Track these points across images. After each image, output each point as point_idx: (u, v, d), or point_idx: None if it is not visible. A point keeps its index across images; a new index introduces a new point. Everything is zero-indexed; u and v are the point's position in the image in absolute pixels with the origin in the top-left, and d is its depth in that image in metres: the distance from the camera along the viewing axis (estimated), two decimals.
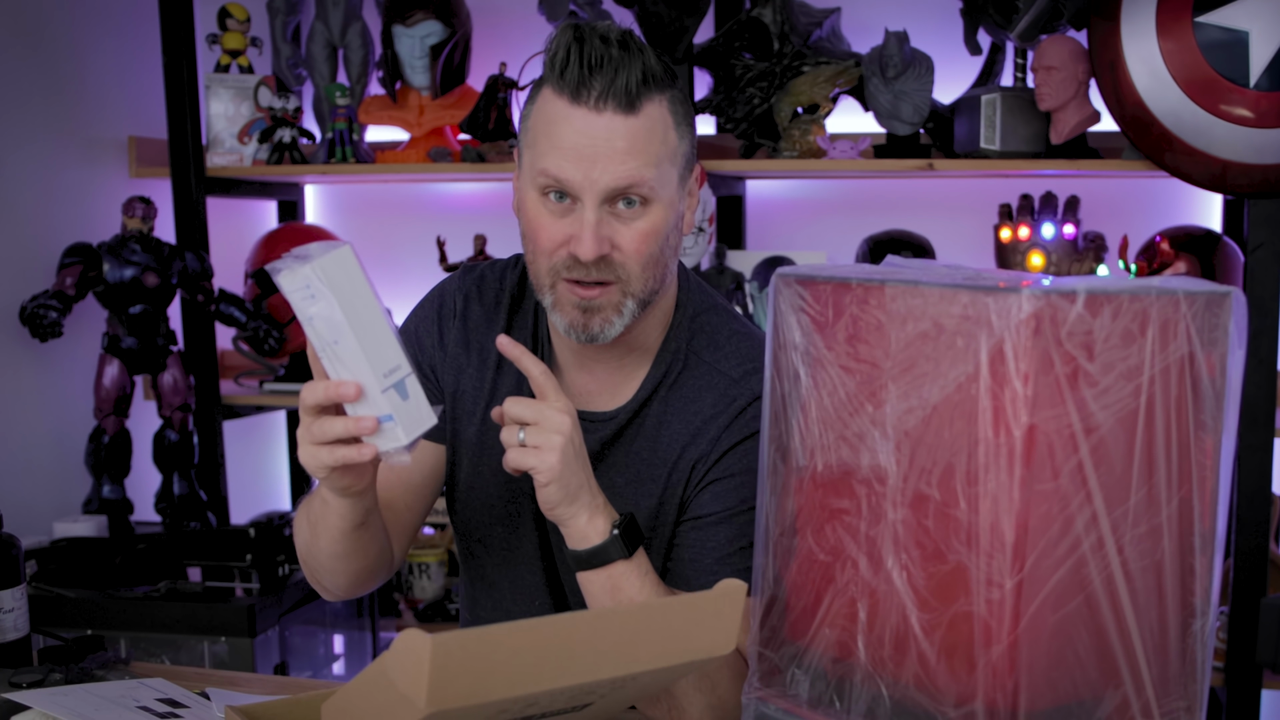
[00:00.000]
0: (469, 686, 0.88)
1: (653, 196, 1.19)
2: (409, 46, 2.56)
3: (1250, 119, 2.00)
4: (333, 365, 1.07)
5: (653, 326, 1.31)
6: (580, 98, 1.16)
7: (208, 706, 1.30)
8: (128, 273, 2.45)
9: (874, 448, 0.98)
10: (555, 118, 1.18)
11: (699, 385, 1.31)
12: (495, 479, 1.36)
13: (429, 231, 2.69)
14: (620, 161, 1.16)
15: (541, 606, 1.37)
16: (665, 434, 1.31)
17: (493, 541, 1.39)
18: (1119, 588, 0.93)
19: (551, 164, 1.17)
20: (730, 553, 1.28)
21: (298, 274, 1.04)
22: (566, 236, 1.19)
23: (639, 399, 1.32)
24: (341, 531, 1.22)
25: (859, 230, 2.53)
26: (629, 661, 0.97)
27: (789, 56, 2.38)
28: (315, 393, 1.08)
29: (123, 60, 2.73)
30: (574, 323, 1.23)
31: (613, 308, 1.22)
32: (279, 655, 2.20)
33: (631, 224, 1.19)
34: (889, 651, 0.98)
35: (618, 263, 1.20)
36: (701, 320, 1.34)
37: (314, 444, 1.10)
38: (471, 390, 1.36)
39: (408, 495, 1.37)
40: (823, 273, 1.04)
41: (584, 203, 1.17)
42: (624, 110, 1.16)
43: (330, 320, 1.04)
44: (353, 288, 1.06)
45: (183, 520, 2.57)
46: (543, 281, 1.23)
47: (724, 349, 1.32)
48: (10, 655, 1.45)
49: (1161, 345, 0.91)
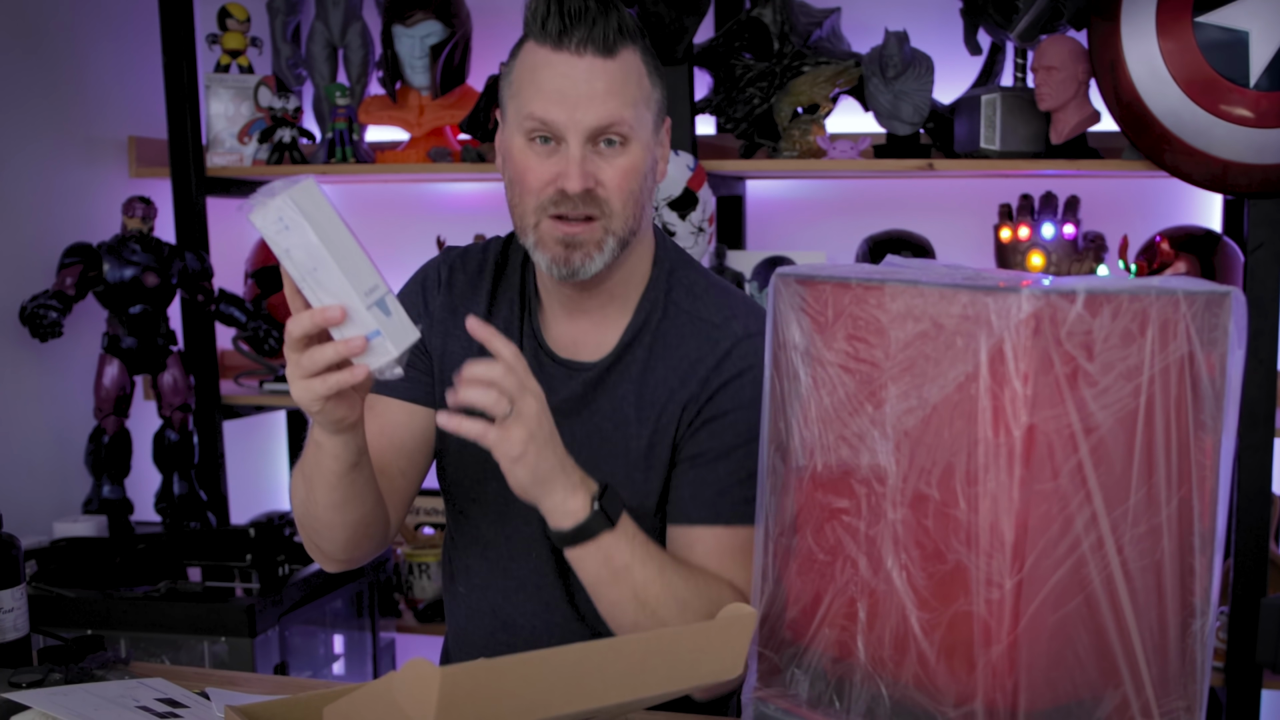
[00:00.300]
0: (476, 716, 0.87)
1: (631, 136, 1.27)
2: (409, 46, 2.56)
3: (1250, 119, 2.00)
4: (314, 293, 1.09)
5: (633, 276, 1.37)
6: (562, 44, 1.24)
7: (208, 706, 1.30)
8: (128, 273, 2.45)
9: (874, 447, 0.98)
10: (538, 65, 1.26)
11: (681, 332, 1.36)
12: None
13: (429, 231, 2.69)
14: (601, 102, 1.24)
15: (539, 558, 1.39)
16: (651, 378, 1.35)
17: (487, 497, 1.41)
18: (1119, 588, 0.93)
19: (538, 107, 1.25)
20: (729, 486, 1.32)
21: (270, 208, 1.06)
22: (553, 174, 1.26)
23: (622, 344, 1.36)
24: (337, 475, 1.23)
25: (859, 230, 2.53)
26: (637, 688, 0.97)
27: (789, 56, 2.38)
28: (301, 323, 1.10)
29: (123, 60, 2.73)
30: (556, 258, 1.28)
31: (594, 244, 1.28)
32: (279, 655, 2.20)
33: (613, 161, 1.27)
34: (889, 651, 0.98)
35: (601, 198, 1.27)
36: (679, 274, 1.40)
37: (305, 377, 1.12)
38: (460, 352, 1.39)
39: (400, 460, 1.40)
40: (823, 273, 1.04)
41: (569, 141, 1.25)
42: (603, 54, 1.24)
43: (307, 246, 1.07)
44: (323, 215, 1.08)
45: (183, 520, 2.57)
46: (528, 221, 1.29)
47: (702, 299, 1.38)
48: (10, 655, 1.45)
49: (1161, 345, 0.91)
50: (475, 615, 1.46)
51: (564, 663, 0.92)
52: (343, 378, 1.11)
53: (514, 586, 1.42)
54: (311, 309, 1.09)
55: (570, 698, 0.92)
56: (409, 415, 1.41)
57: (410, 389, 1.41)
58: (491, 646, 1.43)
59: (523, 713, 0.90)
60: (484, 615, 1.44)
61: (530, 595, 1.41)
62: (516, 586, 1.42)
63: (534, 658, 0.91)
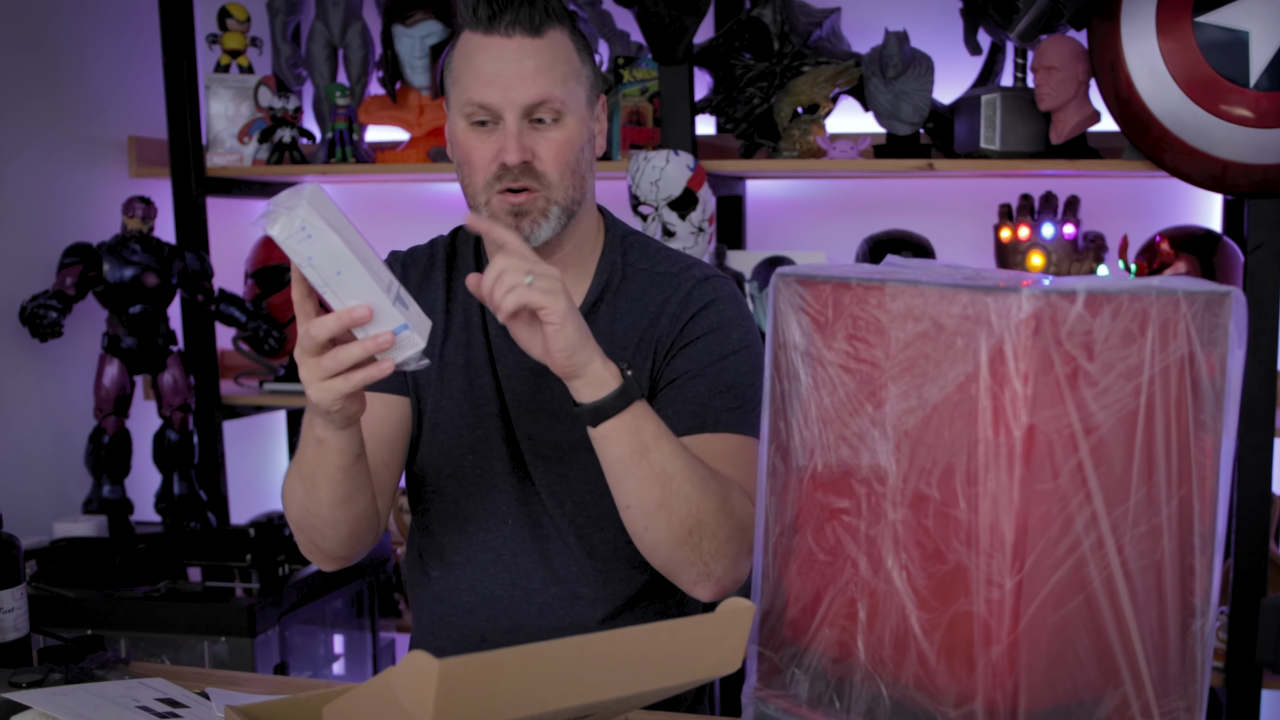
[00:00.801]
0: (474, 709, 0.87)
1: (564, 110, 1.34)
2: (409, 46, 2.56)
3: (1250, 119, 2.00)
4: (337, 297, 1.10)
5: (584, 244, 1.44)
6: (493, 28, 1.32)
7: (208, 706, 1.30)
8: (128, 273, 2.46)
9: (874, 447, 0.98)
10: (473, 51, 1.34)
11: (642, 286, 1.44)
12: (459, 408, 1.45)
13: (429, 231, 2.65)
14: (533, 80, 1.32)
15: (516, 523, 1.44)
16: (619, 329, 1.42)
17: (464, 471, 1.45)
18: (1119, 588, 0.93)
19: (475, 92, 1.32)
20: (709, 397, 1.38)
21: (293, 218, 1.06)
22: (495, 151, 1.33)
23: (587, 303, 1.43)
24: (343, 470, 1.25)
25: (859, 230, 2.53)
26: (635, 682, 0.97)
27: (789, 56, 2.38)
28: (327, 326, 1.10)
29: (123, 60, 2.73)
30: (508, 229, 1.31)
31: (539, 211, 1.35)
32: (279, 655, 2.20)
33: (548, 135, 1.34)
34: (889, 651, 0.98)
35: (539, 171, 1.34)
36: (630, 240, 1.49)
37: (328, 377, 1.13)
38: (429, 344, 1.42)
39: (382, 451, 1.42)
40: (823, 273, 1.04)
41: (506, 119, 1.32)
42: (531, 34, 1.32)
43: (331, 252, 1.08)
44: (338, 218, 1.10)
45: (183, 520, 2.57)
46: (478, 200, 1.37)
47: (655, 257, 1.47)
48: (10, 655, 1.45)
49: (1161, 345, 0.91)
50: (452, 594, 1.47)
51: (563, 655, 0.92)
52: (368, 373, 1.12)
53: (490, 559, 1.45)
54: (337, 311, 1.10)
55: (569, 690, 0.92)
56: (386, 407, 1.44)
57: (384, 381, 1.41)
58: (470, 624, 1.46)
59: (521, 705, 0.90)
60: (461, 593, 1.47)
61: (507, 565, 1.45)
62: (493, 559, 1.45)
63: (533, 650, 0.91)
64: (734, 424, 1.36)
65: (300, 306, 1.13)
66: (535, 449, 1.43)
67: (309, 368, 1.13)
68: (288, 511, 1.36)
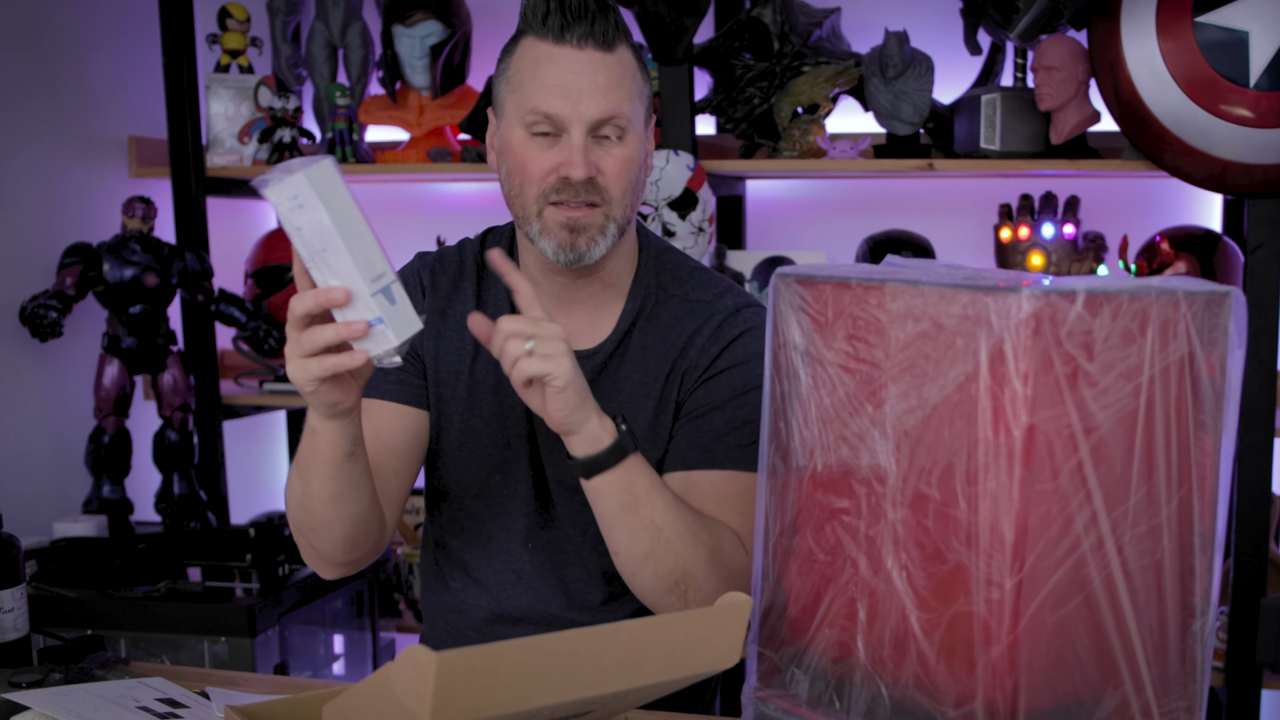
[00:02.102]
0: (472, 702, 0.87)
1: (629, 128, 1.31)
2: (409, 46, 2.56)
3: (1250, 119, 2.00)
4: (321, 274, 1.09)
5: (623, 263, 1.42)
6: (564, 39, 1.28)
7: (208, 706, 1.30)
8: (128, 273, 2.45)
9: (874, 448, 0.98)
10: (540, 59, 1.29)
11: (675, 314, 1.42)
12: (488, 428, 1.42)
13: (429, 231, 2.69)
14: (604, 95, 1.28)
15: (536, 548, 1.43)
16: (652, 357, 1.41)
17: (491, 490, 1.44)
18: (1119, 588, 0.93)
19: (541, 101, 1.28)
20: (724, 432, 1.37)
21: (286, 184, 1.06)
22: (555, 164, 1.29)
23: (620, 330, 1.41)
24: (333, 464, 1.23)
25: (859, 230, 2.53)
26: (633, 676, 0.97)
27: (789, 56, 2.38)
28: (305, 301, 1.10)
29: (123, 60, 2.73)
30: (562, 244, 1.32)
31: (597, 228, 1.32)
32: (279, 655, 2.20)
33: (613, 151, 1.31)
34: (889, 651, 0.98)
35: (602, 186, 1.30)
36: (665, 259, 1.46)
37: (303, 356, 1.12)
38: (454, 351, 1.43)
39: (394, 461, 1.40)
40: (823, 273, 1.04)
41: (571, 132, 1.28)
42: (603, 49, 1.29)
43: (319, 227, 1.07)
44: (337, 196, 1.08)
45: (183, 520, 2.57)
46: (530, 210, 1.32)
47: (689, 282, 1.45)
48: (10, 655, 1.45)
49: (1161, 345, 0.91)
50: (471, 608, 1.47)
51: (561, 649, 0.92)
52: (340, 360, 1.11)
53: (511, 579, 1.45)
54: (315, 289, 1.09)
55: (567, 684, 0.92)
56: (401, 417, 1.42)
57: (403, 391, 1.42)
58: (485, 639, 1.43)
59: (519, 699, 0.90)
60: (480, 609, 1.46)
61: (526, 587, 1.44)
62: (514, 579, 1.45)
63: (531, 643, 0.91)
64: (745, 461, 1.35)
65: (299, 279, 1.12)
66: (559, 476, 1.42)
67: (290, 342, 1.13)
68: (289, 511, 1.35)
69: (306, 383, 1.13)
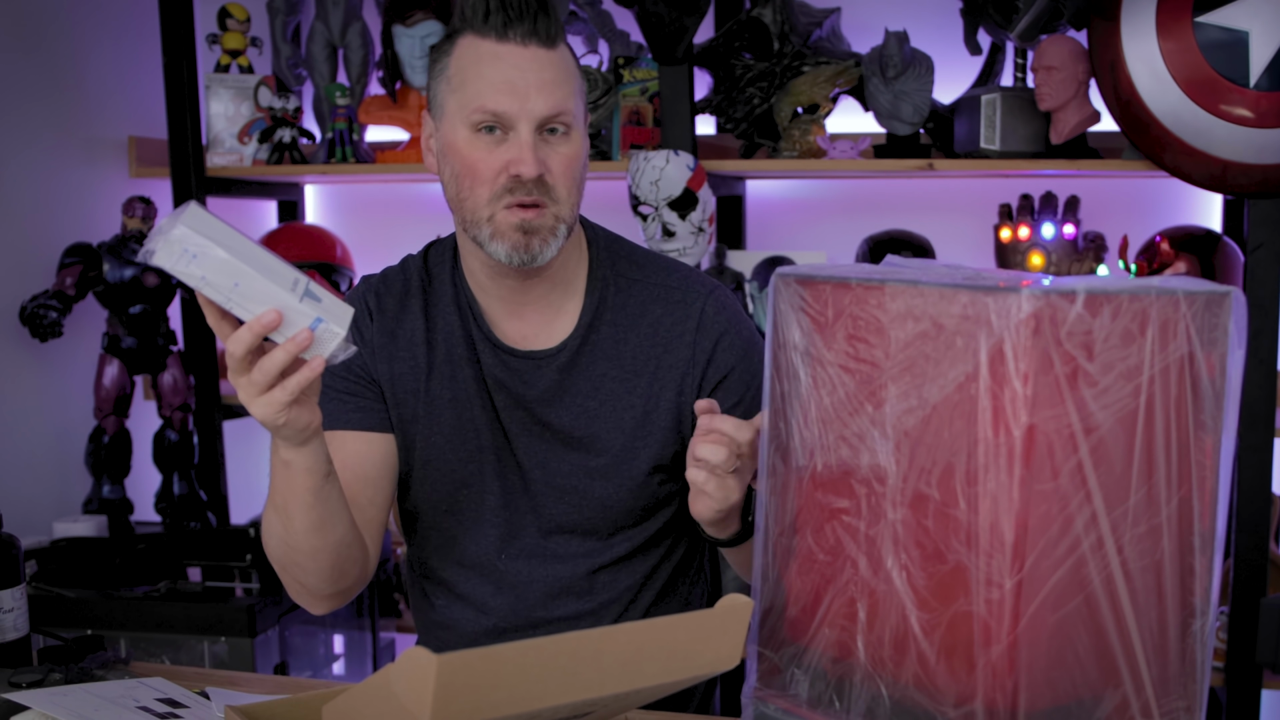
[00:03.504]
0: (472, 704, 0.87)
1: (574, 124, 1.30)
2: (409, 46, 2.56)
3: (1250, 119, 2.00)
4: (243, 308, 1.07)
5: (573, 259, 1.40)
6: (507, 36, 1.27)
7: (208, 706, 1.30)
8: (128, 273, 2.46)
9: (874, 447, 0.98)
10: (484, 57, 1.28)
11: (641, 299, 1.41)
12: (450, 444, 1.40)
13: (429, 231, 2.66)
14: (550, 91, 1.27)
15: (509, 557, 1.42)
16: (627, 350, 1.39)
17: (460, 506, 1.42)
18: (1119, 588, 0.93)
19: (487, 99, 1.26)
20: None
21: (172, 243, 1.05)
22: (504, 163, 1.27)
23: (583, 325, 1.39)
24: (312, 492, 1.20)
25: (859, 230, 2.53)
26: (633, 677, 0.97)
27: (789, 56, 2.38)
28: (242, 340, 1.08)
29: (123, 60, 2.73)
30: (515, 245, 1.30)
31: (548, 229, 1.30)
32: (279, 655, 2.20)
33: (559, 149, 1.29)
34: (889, 651, 0.98)
35: (550, 184, 1.29)
36: (614, 247, 1.45)
37: (263, 391, 1.10)
38: (408, 371, 1.41)
39: (368, 489, 1.38)
40: (823, 273, 1.04)
41: (519, 129, 1.27)
42: (546, 46, 1.28)
43: (221, 266, 1.06)
44: (220, 231, 1.08)
45: (183, 520, 2.57)
46: (481, 213, 1.30)
47: (646, 266, 1.44)
48: (10, 655, 1.45)
49: (1161, 345, 0.91)
50: (458, 623, 1.45)
51: (561, 651, 0.92)
52: (302, 376, 1.09)
53: (491, 590, 1.43)
54: (247, 322, 1.07)
55: (567, 686, 0.92)
56: (367, 444, 1.39)
57: (364, 418, 1.40)
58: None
59: (519, 701, 0.90)
60: (467, 623, 1.44)
61: (508, 596, 1.42)
62: (494, 590, 1.43)
63: (531, 645, 0.91)
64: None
65: (218, 330, 1.10)
66: (547, 478, 1.40)
67: (243, 387, 1.10)
68: (269, 552, 1.32)
69: (276, 415, 1.11)
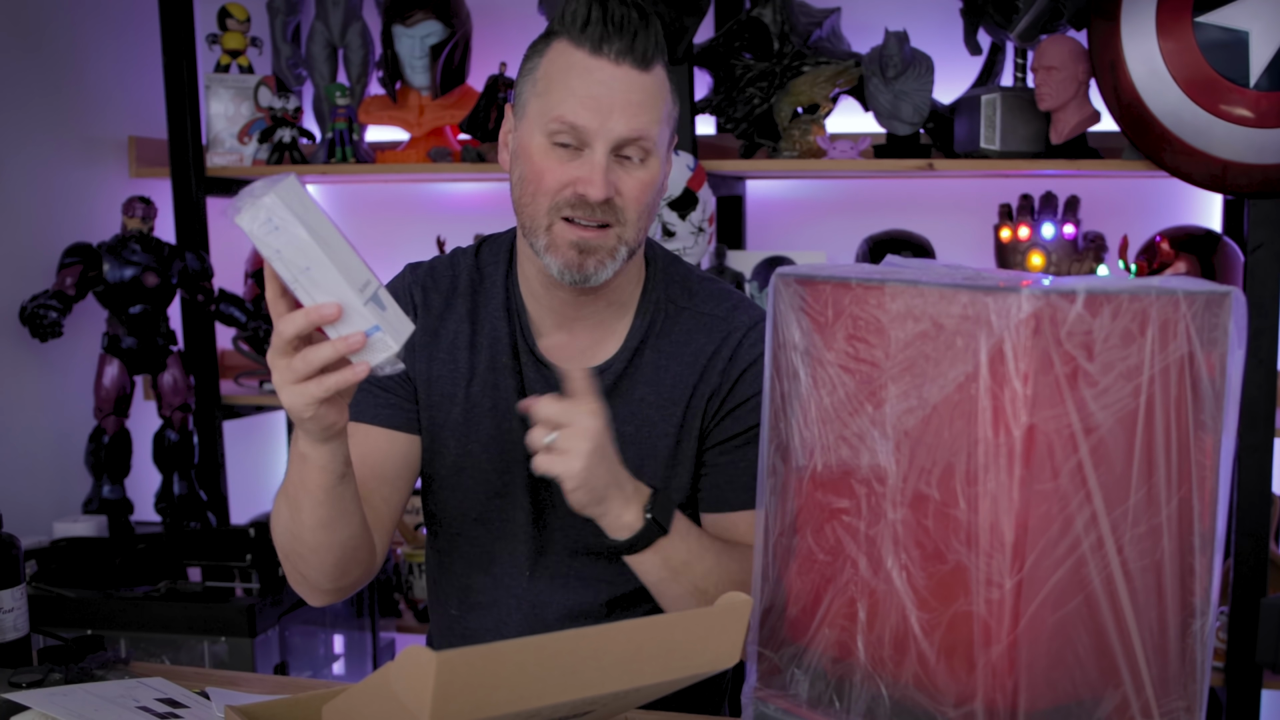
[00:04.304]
0: (472, 703, 0.87)
1: (653, 150, 1.26)
2: (409, 46, 2.56)
3: (1250, 119, 2.00)
4: (307, 292, 1.04)
5: (628, 280, 1.36)
6: (601, 51, 1.22)
7: (208, 706, 1.30)
8: (128, 273, 2.45)
9: (874, 447, 0.98)
10: (573, 68, 1.23)
11: (687, 329, 1.38)
12: (486, 453, 1.38)
13: (429, 231, 2.69)
14: (634, 114, 1.23)
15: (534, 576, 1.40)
16: (667, 378, 1.36)
17: (490, 516, 1.40)
18: (1119, 588, 0.93)
19: (568, 110, 1.22)
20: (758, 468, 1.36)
21: (259, 208, 1.02)
22: (572, 179, 1.24)
23: (629, 349, 1.37)
24: (325, 489, 1.18)
25: (859, 230, 2.53)
26: (633, 676, 0.97)
27: (789, 56, 2.38)
28: (294, 322, 1.04)
29: (123, 60, 2.73)
30: (569, 263, 1.27)
31: (607, 251, 1.26)
32: (279, 655, 2.20)
33: (634, 173, 1.25)
34: (889, 651, 0.98)
35: (619, 207, 1.25)
36: (672, 270, 1.41)
37: (299, 380, 1.07)
38: (447, 375, 1.38)
39: (384, 487, 1.36)
40: (823, 273, 1.04)
41: (594, 148, 1.23)
42: (639, 67, 1.23)
43: (299, 245, 1.02)
44: (309, 211, 1.04)
45: (183, 520, 2.57)
46: (539, 222, 1.27)
47: (699, 294, 1.40)
48: (10, 655, 1.45)
49: (1161, 345, 0.91)
50: (474, 634, 1.43)
51: (561, 649, 0.92)
52: (343, 377, 1.06)
53: (513, 604, 1.41)
54: (305, 308, 1.04)
55: (567, 684, 0.92)
56: (390, 442, 1.37)
57: (392, 416, 1.37)
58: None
59: (519, 699, 0.90)
60: (485, 633, 1.43)
61: (527, 613, 1.41)
62: (515, 604, 1.41)
63: (530, 643, 0.91)
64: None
65: (273, 305, 1.07)
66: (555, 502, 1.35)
67: (280, 370, 1.08)
68: (275, 538, 1.29)
69: (305, 408, 1.08)
